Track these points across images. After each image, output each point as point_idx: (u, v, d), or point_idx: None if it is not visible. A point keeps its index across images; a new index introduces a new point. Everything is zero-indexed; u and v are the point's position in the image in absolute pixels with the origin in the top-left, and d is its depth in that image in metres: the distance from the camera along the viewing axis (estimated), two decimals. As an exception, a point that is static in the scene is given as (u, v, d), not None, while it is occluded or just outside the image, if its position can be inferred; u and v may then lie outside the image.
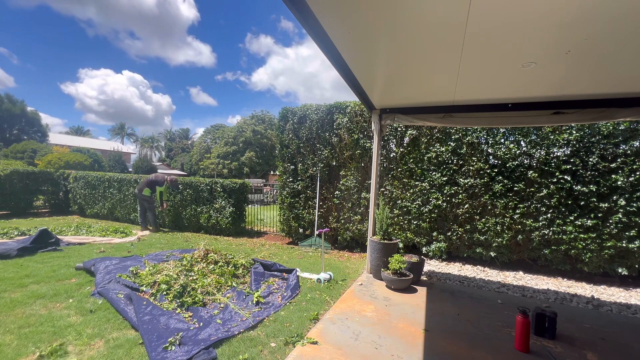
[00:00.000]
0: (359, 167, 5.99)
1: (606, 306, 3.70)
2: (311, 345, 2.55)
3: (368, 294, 3.74)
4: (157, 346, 2.38)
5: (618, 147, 4.34)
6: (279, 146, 6.88)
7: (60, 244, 5.53)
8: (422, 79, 3.33)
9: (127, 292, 3.28)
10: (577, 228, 4.48)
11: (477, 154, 5.11)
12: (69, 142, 36.68)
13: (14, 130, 30.91)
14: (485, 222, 5.02)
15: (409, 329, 2.88)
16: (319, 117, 6.30)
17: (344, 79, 3.27)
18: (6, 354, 2.29)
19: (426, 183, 5.41)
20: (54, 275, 3.94)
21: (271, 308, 3.21)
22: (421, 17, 2.11)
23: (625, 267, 4.34)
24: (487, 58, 2.67)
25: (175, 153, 57.57)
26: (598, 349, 2.65)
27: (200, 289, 3.43)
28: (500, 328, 2.96)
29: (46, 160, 17.22)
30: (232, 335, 2.64)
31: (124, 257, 4.62)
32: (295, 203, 6.63)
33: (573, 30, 2.13)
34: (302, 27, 2.26)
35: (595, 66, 2.68)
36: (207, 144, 36.88)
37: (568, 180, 4.52)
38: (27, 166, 12.16)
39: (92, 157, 20.78)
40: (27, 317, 2.85)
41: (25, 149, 24.18)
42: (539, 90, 3.36)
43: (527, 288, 4.26)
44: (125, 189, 8.60)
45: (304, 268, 4.67)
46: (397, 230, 5.68)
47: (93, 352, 2.35)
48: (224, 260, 4.30)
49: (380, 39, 2.47)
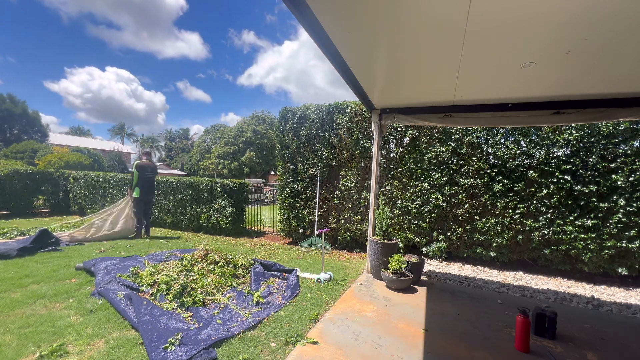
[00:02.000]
0: (359, 167, 5.99)
1: (606, 306, 3.70)
2: (311, 345, 2.55)
3: (368, 294, 3.74)
4: (157, 346, 2.38)
5: (618, 147, 4.34)
6: (279, 146, 6.88)
7: (61, 244, 5.53)
8: (422, 79, 3.32)
9: (127, 292, 3.28)
10: (577, 228, 4.48)
11: (477, 154, 5.11)
12: (69, 142, 36.69)
13: (14, 130, 30.92)
14: (485, 222, 5.01)
15: (409, 329, 2.88)
16: (319, 117, 6.31)
17: (344, 79, 3.26)
18: (6, 354, 2.29)
19: (426, 183, 5.41)
20: (54, 275, 3.94)
21: (271, 308, 3.21)
22: (421, 17, 2.11)
23: (625, 267, 4.33)
24: (487, 58, 2.67)
25: (175, 153, 57.60)
26: (598, 349, 2.64)
27: (200, 289, 3.42)
28: (500, 328, 2.96)
29: (46, 160, 17.21)
30: (232, 335, 2.64)
31: (124, 257, 4.62)
32: (295, 203, 6.63)
33: (573, 30, 2.13)
34: (302, 27, 2.26)
35: (595, 66, 2.68)
36: (207, 144, 36.90)
37: (568, 180, 4.52)
38: (27, 166, 12.16)
39: (92, 157, 20.77)
40: (27, 317, 2.84)
41: (25, 148, 24.19)
42: (539, 90, 3.36)
43: (527, 288, 4.25)
44: (125, 189, 8.60)
45: (304, 268, 4.67)
46: (397, 230, 5.68)
47: (93, 352, 2.35)
48: (224, 261, 4.30)
49: (380, 39, 2.47)
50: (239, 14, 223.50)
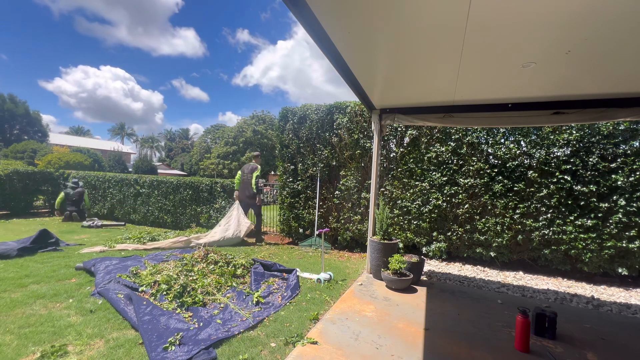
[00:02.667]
0: (359, 167, 5.99)
1: (606, 306, 3.70)
2: (311, 345, 2.55)
3: (368, 294, 3.74)
4: (157, 346, 2.38)
5: (618, 147, 4.34)
6: (279, 146, 6.88)
7: (60, 244, 5.54)
8: (422, 79, 3.32)
9: (127, 292, 3.28)
10: (577, 228, 4.48)
11: (477, 154, 5.11)
12: (69, 142, 36.72)
13: (14, 130, 30.94)
14: (485, 222, 5.01)
15: (409, 329, 2.88)
16: (319, 117, 6.30)
17: (344, 79, 3.26)
18: (6, 354, 2.29)
19: (426, 183, 5.41)
20: (54, 275, 3.94)
21: (271, 308, 3.21)
22: (421, 17, 2.11)
23: (625, 267, 4.33)
24: (487, 58, 2.67)
25: (175, 153, 57.62)
26: (598, 349, 2.64)
27: (200, 289, 3.42)
28: (500, 328, 2.96)
29: (46, 160, 17.23)
30: (232, 335, 2.64)
31: (124, 257, 4.62)
32: (295, 203, 6.63)
33: (573, 30, 2.13)
34: (302, 27, 2.26)
35: (595, 66, 2.68)
36: (207, 144, 36.91)
37: (568, 180, 4.52)
38: (27, 166, 12.16)
39: (92, 157, 20.80)
40: (27, 317, 2.85)
41: (26, 148, 24.21)
42: (539, 90, 3.36)
43: (527, 288, 4.25)
44: (125, 189, 8.61)
45: (304, 268, 4.67)
46: (397, 230, 5.68)
47: (93, 352, 2.35)
48: (224, 261, 4.30)
49: (380, 39, 2.47)
50: (235, 12, 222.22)
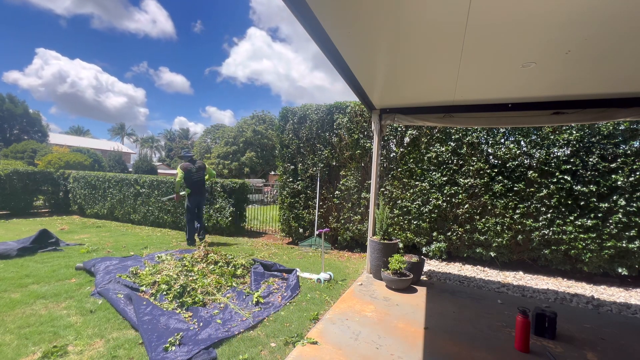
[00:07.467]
0: (359, 167, 5.99)
1: (606, 306, 3.70)
2: (311, 345, 2.55)
3: (368, 294, 3.74)
4: (157, 346, 2.38)
5: (618, 147, 4.34)
6: (279, 146, 6.88)
7: (60, 244, 5.53)
8: (422, 79, 3.32)
9: (127, 292, 3.28)
10: (577, 228, 4.48)
11: (477, 154, 5.11)
12: (69, 142, 36.73)
13: (14, 130, 30.93)
14: (485, 222, 5.01)
15: (409, 329, 2.88)
16: (319, 117, 6.30)
17: (344, 79, 3.26)
18: (6, 354, 2.29)
19: (426, 183, 5.41)
20: (54, 275, 3.94)
21: (271, 308, 3.21)
22: (421, 17, 2.11)
23: (625, 267, 4.33)
24: (487, 58, 2.67)
25: (175, 153, 57.57)
26: (598, 349, 2.64)
27: (200, 289, 3.42)
28: (500, 328, 2.96)
29: (46, 160, 17.22)
30: (232, 335, 2.64)
31: (124, 257, 4.63)
32: (295, 203, 6.63)
33: (573, 30, 2.13)
34: (302, 27, 2.26)
35: (595, 66, 2.68)
36: (207, 144, 36.87)
37: (568, 180, 4.52)
38: (27, 166, 12.17)
39: (92, 157, 20.78)
40: (27, 317, 2.84)
41: (25, 148, 24.20)
42: (539, 90, 3.36)
43: (527, 288, 4.25)
44: (125, 189, 8.60)
45: (304, 268, 4.67)
46: (397, 230, 5.68)
47: (93, 352, 2.35)
48: (224, 261, 4.30)
49: (380, 39, 2.47)
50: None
